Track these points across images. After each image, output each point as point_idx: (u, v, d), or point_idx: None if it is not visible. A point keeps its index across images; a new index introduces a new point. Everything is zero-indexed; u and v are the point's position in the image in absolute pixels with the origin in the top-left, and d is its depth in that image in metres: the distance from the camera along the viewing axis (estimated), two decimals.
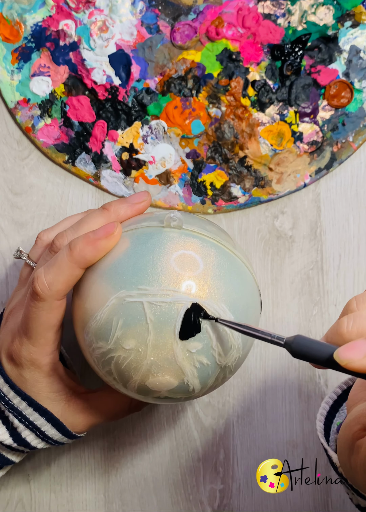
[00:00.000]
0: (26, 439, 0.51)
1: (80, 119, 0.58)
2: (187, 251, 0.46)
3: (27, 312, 0.48)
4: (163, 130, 0.58)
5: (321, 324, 0.58)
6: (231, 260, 0.47)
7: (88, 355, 0.48)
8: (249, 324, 0.43)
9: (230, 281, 0.46)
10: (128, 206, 0.50)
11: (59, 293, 0.47)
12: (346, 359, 0.37)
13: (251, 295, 0.48)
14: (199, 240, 0.47)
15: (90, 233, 0.47)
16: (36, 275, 0.47)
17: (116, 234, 0.47)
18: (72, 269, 0.47)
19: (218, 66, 0.57)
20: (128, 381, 0.46)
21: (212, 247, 0.47)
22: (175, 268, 0.45)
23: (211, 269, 0.46)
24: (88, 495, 0.60)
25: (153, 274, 0.45)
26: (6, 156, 0.59)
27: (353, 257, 0.59)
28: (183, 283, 0.45)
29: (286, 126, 0.57)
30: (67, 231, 0.50)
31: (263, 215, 0.59)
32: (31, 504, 0.60)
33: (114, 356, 0.45)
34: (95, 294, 0.46)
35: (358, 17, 0.56)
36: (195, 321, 0.44)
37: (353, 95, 0.57)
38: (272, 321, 0.58)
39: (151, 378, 0.45)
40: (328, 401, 0.50)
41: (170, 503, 0.60)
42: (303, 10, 0.56)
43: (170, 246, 0.46)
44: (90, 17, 0.57)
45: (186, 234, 0.47)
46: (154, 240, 0.46)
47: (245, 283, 0.48)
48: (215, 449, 0.59)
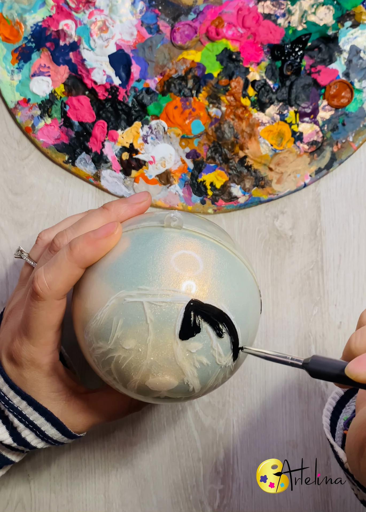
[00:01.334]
0: (26, 439, 0.51)
1: (80, 119, 0.58)
2: (187, 251, 0.46)
3: (27, 311, 0.48)
4: (163, 130, 0.58)
5: (321, 324, 0.58)
6: (230, 260, 0.47)
7: (88, 355, 0.48)
8: (268, 351, 0.45)
9: (230, 281, 0.46)
10: (128, 206, 0.50)
11: (59, 293, 0.47)
12: (355, 373, 0.38)
13: (251, 295, 0.48)
14: (199, 240, 0.47)
15: (90, 233, 0.47)
16: (36, 274, 0.47)
17: (116, 233, 0.47)
18: (72, 268, 0.47)
19: (218, 66, 0.57)
20: (128, 381, 0.46)
21: (212, 247, 0.47)
22: (175, 268, 0.45)
23: (211, 269, 0.46)
24: (88, 495, 0.60)
25: (153, 274, 0.45)
26: (6, 156, 0.59)
27: (353, 257, 0.59)
28: (183, 283, 0.45)
29: (286, 126, 0.57)
30: (67, 231, 0.50)
31: (263, 215, 0.59)
32: (31, 504, 0.60)
33: (114, 356, 0.45)
34: (95, 294, 0.46)
35: (358, 17, 0.56)
36: (195, 321, 0.44)
37: (353, 95, 0.57)
38: (272, 321, 0.58)
39: (151, 378, 0.45)
40: (335, 396, 0.51)
41: (170, 503, 0.60)
42: (303, 10, 0.56)
43: (170, 246, 0.46)
44: (90, 17, 0.57)
45: (186, 234, 0.47)
46: (154, 240, 0.46)
47: (245, 283, 0.48)
48: (215, 449, 0.59)
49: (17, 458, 0.53)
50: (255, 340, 0.58)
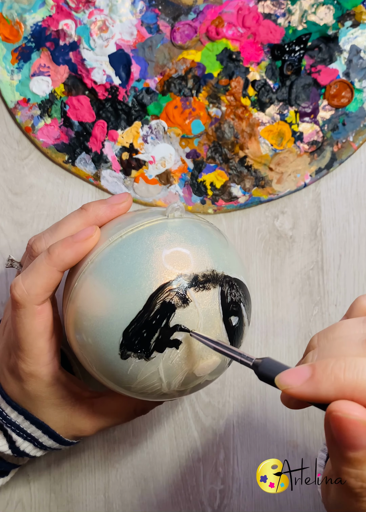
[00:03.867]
0: (25, 451, 0.51)
1: (80, 119, 0.58)
2: (175, 248, 0.45)
3: (13, 323, 0.47)
4: (163, 130, 0.58)
5: (321, 324, 0.58)
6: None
7: (81, 357, 0.47)
8: (220, 341, 0.43)
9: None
10: (107, 207, 0.48)
11: (38, 297, 0.46)
12: (285, 385, 0.36)
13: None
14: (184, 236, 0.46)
15: (68, 238, 0.46)
16: (14, 282, 0.46)
17: (95, 237, 0.46)
18: (51, 272, 0.46)
19: (218, 66, 0.57)
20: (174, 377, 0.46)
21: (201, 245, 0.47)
22: (167, 266, 0.45)
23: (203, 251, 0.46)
24: (88, 495, 0.60)
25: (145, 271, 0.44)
26: (6, 156, 0.59)
27: (354, 257, 0.58)
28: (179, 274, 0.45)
29: (286, 126, 0.57)
30: (45, 234, 0.49)
31: (263, 215, 0.59)
32: (31, 504, 0.60)
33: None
34: (86, 293, 0.45)
35: (359, 16, 0.56)
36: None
37: (353, 95, 0.57)
38: (272, 321, 0.58)
39: (201, 362, 0.45)
40: (324, 448, 0.49)
41: (170, 503, 0.60)
42: (303, 9, 0.56)
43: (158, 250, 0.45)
44: (90, 17, 0.57)
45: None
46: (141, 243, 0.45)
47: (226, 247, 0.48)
48: (215, 449, 0.59)
49: (23, 461, 0.54)
50: (255, 340, 0.59)
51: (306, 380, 0.35)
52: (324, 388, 0.35)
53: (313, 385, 0.35)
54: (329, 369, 0.35)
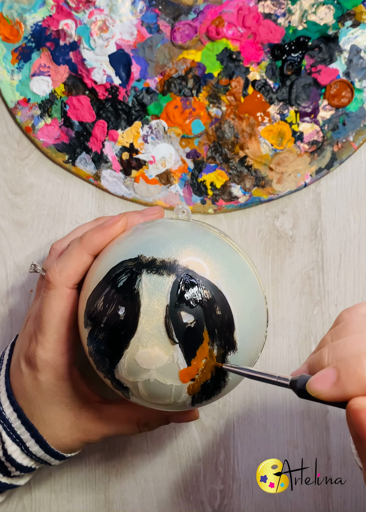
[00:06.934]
0: (12, 456, 0.51)
1: (80, 119, 0.58)
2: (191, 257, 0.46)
3: (41, 305, 0.50)
4: (163, 130, 0.58)
5: (321, 324, 0.58)
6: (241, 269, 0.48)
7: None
8: (253, 368, 0.44)
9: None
10: (141, 216, 0.51)
11: (68, 279, 0.49)
12: (316, 391, 0.38)
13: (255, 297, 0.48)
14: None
15: (98, 225, 0.50)
16: (49, 266, 0.50)
17: (121, 223, 0.49)
18: (81, 254, 0.49)
19: (218, 66, 0.57)
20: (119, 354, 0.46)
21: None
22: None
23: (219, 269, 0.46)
24: (89, 495, 0.60)
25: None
26: (6, 156, 0.59)
27: (354, 257, 0.58)
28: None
29: (287, 125, 0.57)
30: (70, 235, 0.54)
31: (263, 215, 0.59)
32: (31, 504, 0.60)
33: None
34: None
35: (359, 16, 0.56)
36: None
37: (354, 95, 0.57)
38: (273, 321, 0.58)
39: (141, 349, 0.44)
40: None
41: (170, 503, 0.60)
42: (303, 9, 0.56)
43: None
44: (90, 16, 0.57)
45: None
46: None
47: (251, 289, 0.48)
48: (215, 449, 0.59)
49: (18, 481, 0.54)
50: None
51: (333, 384, 0.37)
52: (351, 389, 0.37)
53: (341, 387, 0.37)
54: (352, 369, 0.37)
